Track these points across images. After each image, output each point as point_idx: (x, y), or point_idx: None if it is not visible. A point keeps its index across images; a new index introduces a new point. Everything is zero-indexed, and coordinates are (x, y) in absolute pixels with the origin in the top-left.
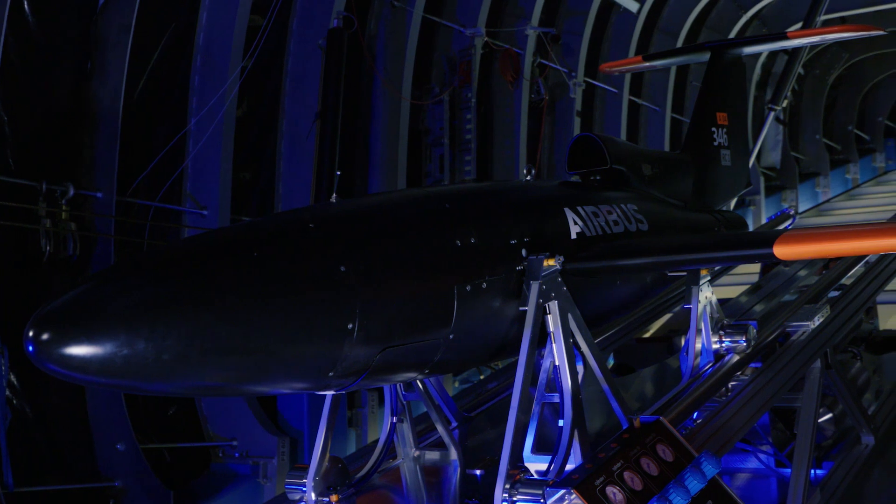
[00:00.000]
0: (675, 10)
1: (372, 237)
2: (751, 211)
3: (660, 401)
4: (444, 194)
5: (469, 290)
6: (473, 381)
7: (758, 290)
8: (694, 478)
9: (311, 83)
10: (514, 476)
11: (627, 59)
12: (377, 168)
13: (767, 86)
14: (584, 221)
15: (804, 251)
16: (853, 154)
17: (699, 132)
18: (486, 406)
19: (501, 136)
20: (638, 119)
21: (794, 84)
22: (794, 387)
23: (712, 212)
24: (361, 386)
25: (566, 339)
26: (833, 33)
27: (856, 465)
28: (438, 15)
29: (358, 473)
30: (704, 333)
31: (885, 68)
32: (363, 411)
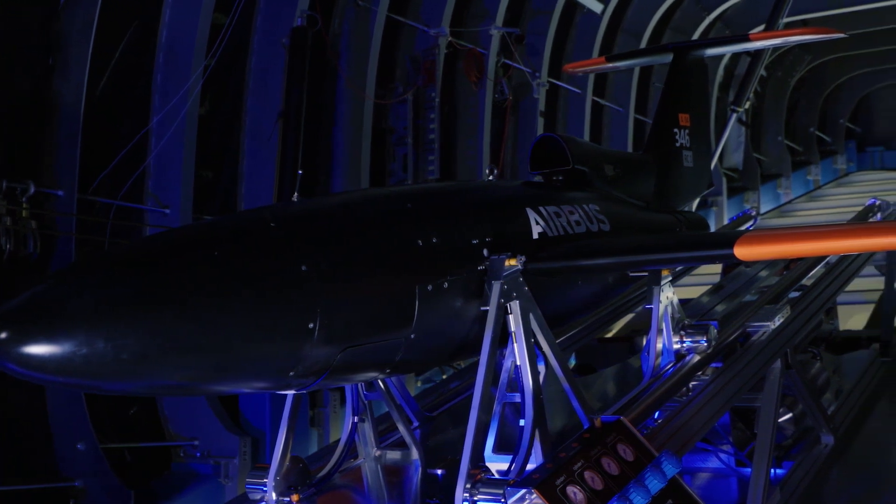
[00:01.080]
0: (638, 11)
1: (333, 237)
2: (713, 212)
3: (621, 401)
4: (406, 194)
5: (430, 290)
6: (436, 380)
7: (719, 291)
8: (654, 477)
9: (275, 82)
10: (475, 476)
11: (591, 60)
12: (340, 167)
13: (730, 87)
14: (545, 221)
15: (764, 252)
16: (815, 156)
17: (661, 133)
18: (447, 405)
19: (465, 136)
20: (601, 119)
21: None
22: (754, 387)
23: (674, 212)
24: (322, 386)
25: (527, 339)
26: (795, 36)
27: (815, 465)
28: (403, 14)
29: (319, 473)
30: (665, 333)
31: (846, 71)
32: (325, 411)
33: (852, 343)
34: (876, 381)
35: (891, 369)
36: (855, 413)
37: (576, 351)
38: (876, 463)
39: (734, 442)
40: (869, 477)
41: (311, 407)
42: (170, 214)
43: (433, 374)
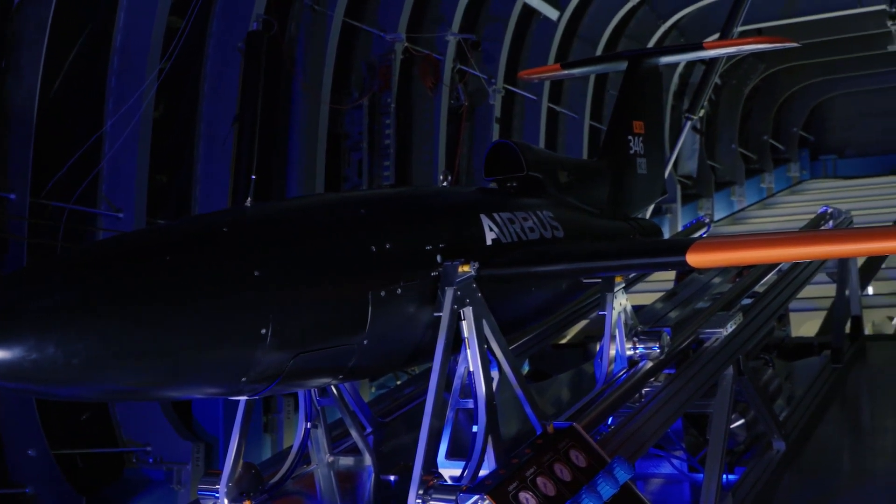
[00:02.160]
0: (594, 18)
1: (286, 242)
2: (667, 219)
3: (573, 407)
4: (360, 200)
5: (384, 296)
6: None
7: (673, 297)
8: (606, 483)
9: (230, 86)
10: (428, 482)
11: (546, 67)
12: (295, 172)
13: (685, 95)
14: (499, 228)
15: (716, 259)
16: (768, 164)
17: (615, 140)
18: (401, 411)
19: (420, 142)
20: (557, 126)
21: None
22: (706, 393)
23: (628, 219)
24: (275, 391)
25: (480, 345)
26: (748, 44)
27: (767, 471)
28: (359, 20)
29: (272, 479)
30: (618, 340)
31: (800, 79)
32: (279, 417)
33: (804, 350)
34: (827, 387)
35: (842, 376)
36: (806, 419)
37: (529, 357)
38: (827, 468)
39: (687, 448)
40: (820, 482)
41: (265, 413)
42: (123, 218)
43: (387, 379)
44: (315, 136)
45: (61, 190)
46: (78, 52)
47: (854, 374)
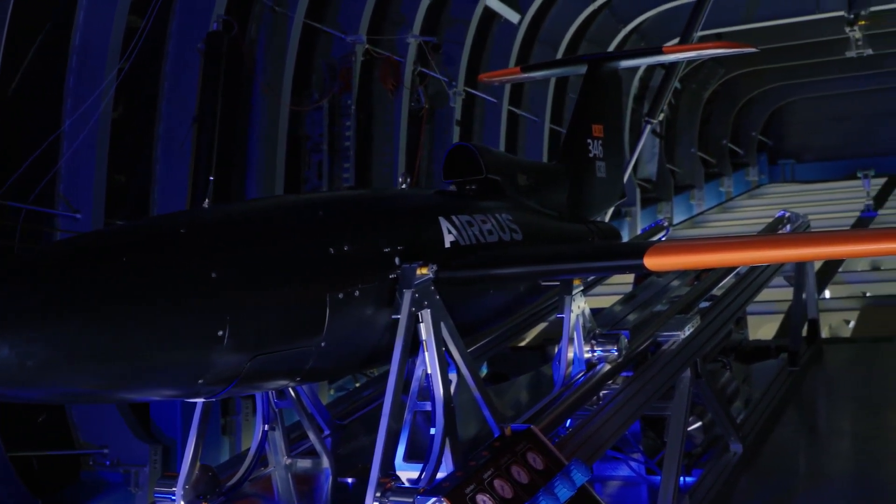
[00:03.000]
0: (555, 22)
1: (244, 244)
2: (627, 222)
3: (531, 409)
4: (319, 202)
5: (341, 298)
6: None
7: (631, 300)
8: (563, 486)
9: (190, 87)
10: (385, 484)
11: (506, 70)
12: (255, 174)
13: (645, 99)
14: (458, 230)
15: (673, 263)
16: (727, 168)
17: (575, 143)
18: (359, 414)
19: (381, 144)
20: (517, 129)
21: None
22: (664, 395)
23: (587, 222)
24: (232, 393)
25: (438, 348)
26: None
27: (724, 473)
28: (319, 21)
29: (229, 482)
30: (577, 342)
31: (759, 84)
32: (237, 419)
33: (761, 353)
34: (784, 390)
35: (798, 379)
36: (763, 421)
37: (488, 359)
38: (783, 470)
39: (644, 450)
40: (776, 484)
41: (223, 415)
42: (81, 219)
43: (346, 381)
44: (275, 138)
45: (18, 190)
46: (36, 51)
47: (811, 376)
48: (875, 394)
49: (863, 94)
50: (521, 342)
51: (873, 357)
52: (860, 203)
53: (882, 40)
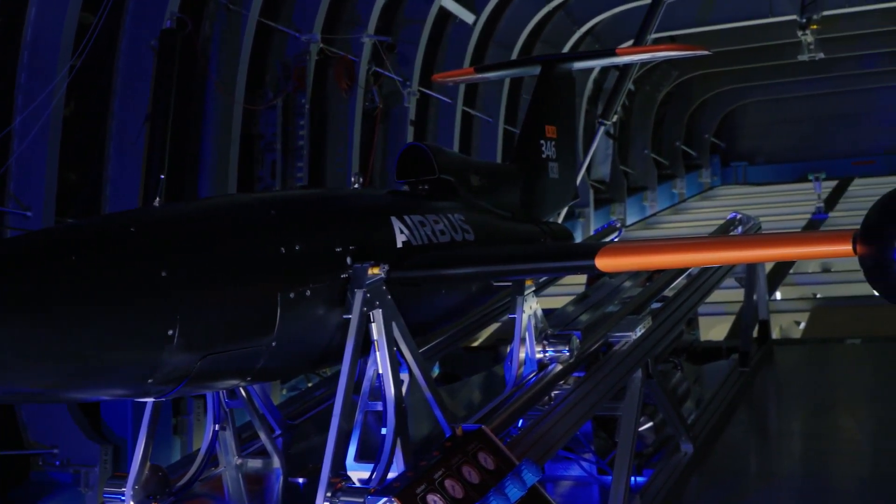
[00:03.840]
0: (510, 23)
1: (195, 243)
2: (580, 223)
3: (483, 409)
4: (271, 201)
5: (293, 298)
6: (301, 388)
7: (584, 300)
8: (514, 486)
9: (143, 84)
10: (336, 484)
11: (459, 70)
12: (208, 172)
13: (599, 100)
14: (410, 230)
15: (624, 264)
16: (680, 169)
17: (528, 144)
18: (311, 413)
19: (334, 143)
20: (471, 130)
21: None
22: (615, 396)
23: (539, 223)
24: (182, 393)
25: (390, 348)
26: (661, 51)
27: (675, 473)
28: (274, 20)
29: (179, 482)
30: (528, 343)
31: (712, 87)
32: (189, 419)
33: (713, 353)
34: (735, 390)
35: (749, 379)
36: (714, 422)
37: (440, 359)
38: (733, 470)
39: (596, 450)
40: (727, 484)
41: (175, 415)
42: (31, 217)
43: (299, 381)
44: (228, 137)
45: None
46: None
47: (761, 377)
48: (824, 394)
49: (814, 98)
50: (473, 342)
51: (823, 358)
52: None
53: (834, 44)
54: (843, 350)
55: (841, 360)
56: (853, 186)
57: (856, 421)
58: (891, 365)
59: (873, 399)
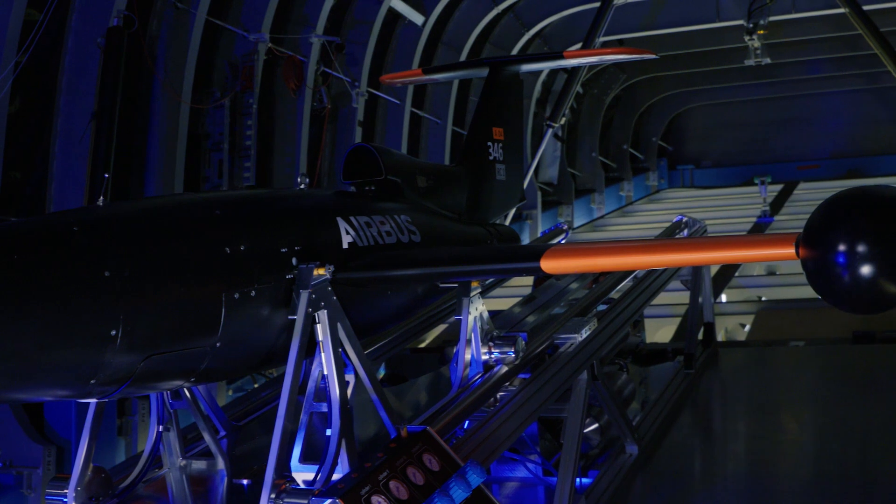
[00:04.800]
0: (459, 24)
1: (138, 242)
2: (528, 225)
3: (428, 411)
4: (216, 201)
5: (237, 298)
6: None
7: (530, 302)
8: (459, 487)
9: (89, 82)
10: (280, 486)
11: (407, 72)
12: (154, 172)
13: (547, 103)
14: (356, 231)
15: (569, 266)
16: (628, 172)
17: (475, 146)
18: (256, 414)
19: (282, 144)
20: (420, 131)
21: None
22: (561, 397)
23: (486, 225)
24: (125, 394)
25: (335, 349)
26: (608, 55)
27: (620, 474)
28: (222, 18)
29: (122, 483)
30: (474, 344)
31: (659, 91)
32: (133, 419)
33: (658, 355)
34: (680, 392)
35: (694, 381)
36: (659, 423)
37: (387, 361)
38: (678, 471)
39: (541, 452)
40: (672, 485)
41: (119, 416)
42: None
43: (245, 382)
44: (175, 136)
45: None
46: None
47: (706, 379)
48: (768, 396)
49: (761, 102)
50: (420, 344)
51: (767, 360)
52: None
53: (780, 50)
54: (787, 352)
55: (785, 362)
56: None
57: (799, 423)
58: (833, 367)
59: (816, 401)
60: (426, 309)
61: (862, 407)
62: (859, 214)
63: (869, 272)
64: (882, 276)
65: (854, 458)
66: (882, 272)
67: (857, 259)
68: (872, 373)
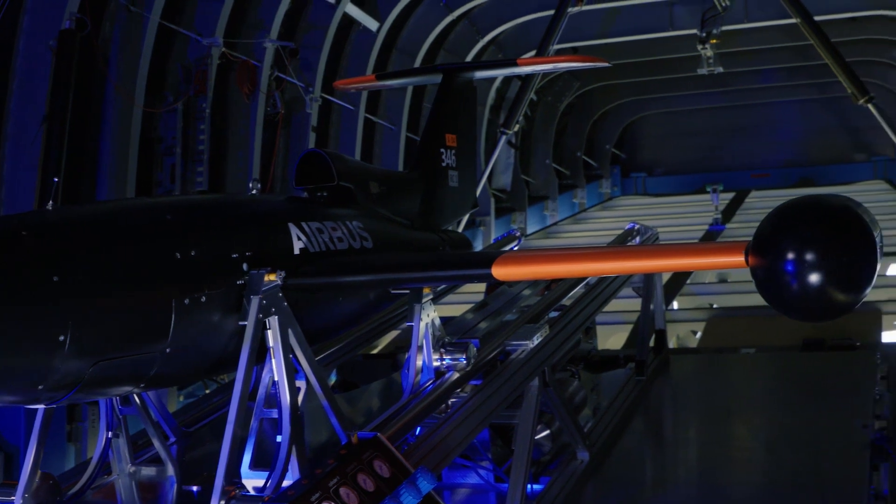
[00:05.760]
0: (414, 31)
1: (87, 247)
2: (481, 231)
3: (379, 417)
4: (167, 205)
5: (188, 304)
6: (199, 394)
7: (483, 309)
8: (409, 493)
9: (40, 85)
10: (230, 492)
11: (361, 78)
12: (106, 176)
13: (501, 110)
14: (308, 237)
15: (520, 272)
16: (581, 179)
17: (428, 153)
18: (206, 421)
19: (235, 149)
20: (374, 137)
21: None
22: (512, 404)
23: (438, 231)
24: (74, 399)
25: (286, 355)
26: (562, 62)
27: (571, 480)
28: (176, 22)
29: (71, 490)
30: (426, 351)
31: (613, 98)
32: (83, 425)
33: (610, 362)
34: (631, 399)
35: (646, 388)
36: (610, 430)
37: (339, 367)
38: (628, 478)
39: (493, 458)
40: (623, 491)
41: (69, 421)
42: None
43: (196, 388)
44: (127, 139)
45: None
46: None
47: (657, 386)
48: (718, 403)
49: (713, 111)
50: (372, 350)
51: (718, 367)
52: (709, 216)
53: (733, 59)
54: (738, 359)
55: (735, 369)
56: (750, 199)
57: (749, 429)
58: (783, 374)
59: (766, 407)
60: (378, 315)
61: (811, 414)
62: (808, 223)
63: (817, 280)
64: (830, 285)
65: (804, 464)
66: (830, 281)
67: (805, 267)
68: (822, 380)
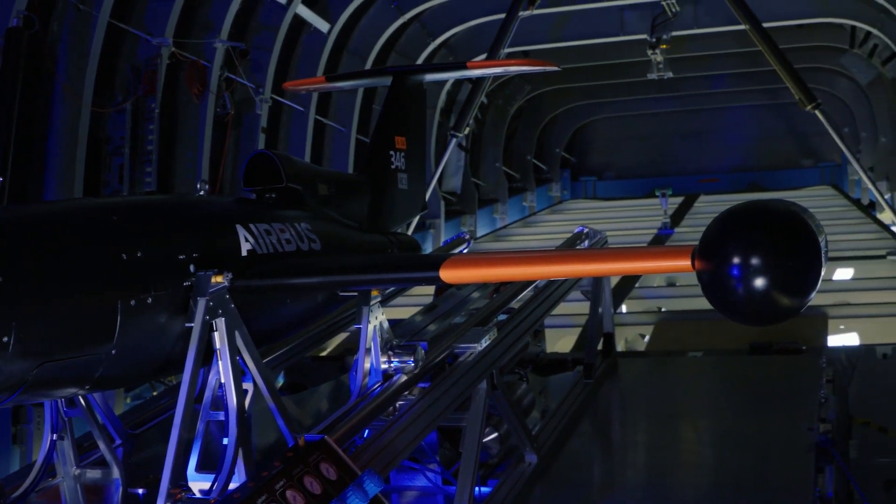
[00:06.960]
0: (364, 33)
1: (32, 247)
2: (430, 234)
3: (327, 420)
4: (113, 206)
5: (134, 305)
6: (147, 396)
7: (431, 311)
8: (356, 496)
9: None
10: (176, 495)
11: (311, 79)
12: (53, 176)
13: (452, 113)
14: (255, 239)
15: (468, 275)
16: (531, 183)
17: (377, 155)
18: (153, 423)
19: (184, 149)
20: (323, 138)
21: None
22: (460, 407)
23: (387, 234)
24: (18, 401)
25: (232, 357)
26: (512, 66)
27: (519, 483)
28: (125, 21)
29: (14, 493)
30: (374, 353)
31: (563, 102)
32: (28, 427)
33: (558, 365)
34: (579, 402)
35: (594, 391)
36: (558, 433)
37: (287, 369)
38: (576, 480)
39: (441, 461)
40: (570, 494)
41: (14, 423)
42: None
43: (144, 390)
44: (75, 139)
45: None
46: None
47: (605, 389)
48: (666, 406)
49: (662, 116)
50: (321, 352)
51: (665, 370)
52: (658, 220)
53: (682, 64)
54: (685, 363)
55: (683, 372)
56: (699, 203)
57: (696, 432)
58: (729, 377)
59: (713, 411)
60: (327, 317)
61: (758, 417)
62: (753, 227)
63: (762, 285)
64: (775, 289)
65: (750, 467)
66: (775, 285)
67: (750, 272)
68: (768, 383)
